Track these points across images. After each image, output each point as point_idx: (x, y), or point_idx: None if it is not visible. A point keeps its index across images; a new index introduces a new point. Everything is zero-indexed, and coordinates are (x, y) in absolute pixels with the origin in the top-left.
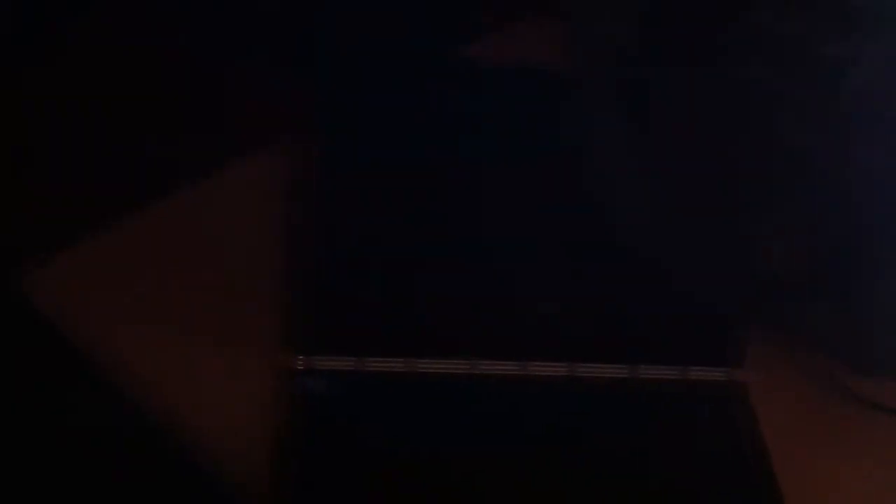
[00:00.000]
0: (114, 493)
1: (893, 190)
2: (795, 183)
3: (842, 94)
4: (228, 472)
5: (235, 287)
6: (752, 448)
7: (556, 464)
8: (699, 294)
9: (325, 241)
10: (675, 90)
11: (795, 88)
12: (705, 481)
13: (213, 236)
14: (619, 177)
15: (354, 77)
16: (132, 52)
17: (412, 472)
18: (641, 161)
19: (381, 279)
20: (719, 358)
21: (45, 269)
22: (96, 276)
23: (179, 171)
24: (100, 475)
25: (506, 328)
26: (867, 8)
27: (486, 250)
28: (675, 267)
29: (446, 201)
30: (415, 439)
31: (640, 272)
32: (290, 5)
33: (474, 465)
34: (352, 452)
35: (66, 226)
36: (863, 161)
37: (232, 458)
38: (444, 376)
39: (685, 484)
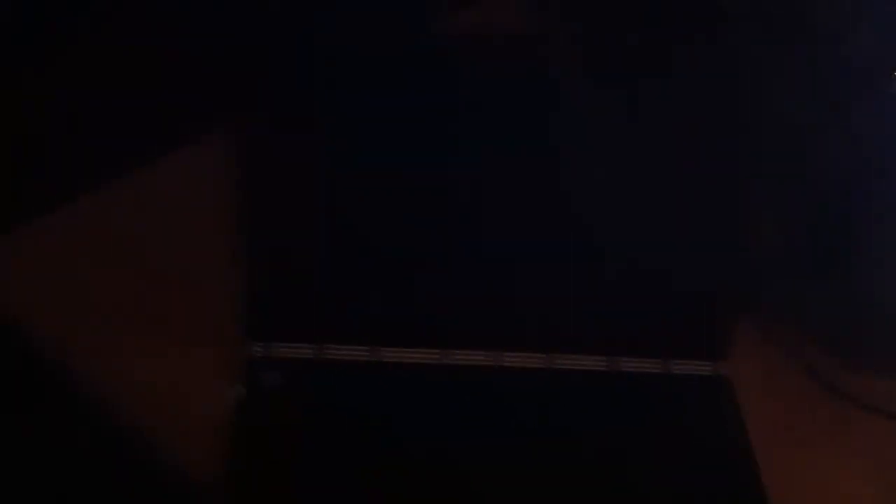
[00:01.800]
0: (66, 484)
1: (883, 183)
2: (782, 173)
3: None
4: (184, 461)
5: (192, 275)
6: (735, 442)
7: (529, 457)
8: (683, 285)
9: (284, 228)
10: (661, 68)
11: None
12: (687, 475)
13: (169, 224)
14: (601, 168)
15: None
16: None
17: (378, 464)
18: (624, 151)
19: (342, 266)
20: (703, 351)
21: None
22: (46, 264)
23: (134, 159)
24: (53, 465)
25: (479, 317)
26: None
27: (458, 237)
28: (658, 258)
29: (411, 188)
30: (382, 432)
31: (623, 262)
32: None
33: (442, 457)
34: (311, 442)
35: (17, 214)
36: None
37: (188, 447)
38: (412, 366)
39: (667, 478)
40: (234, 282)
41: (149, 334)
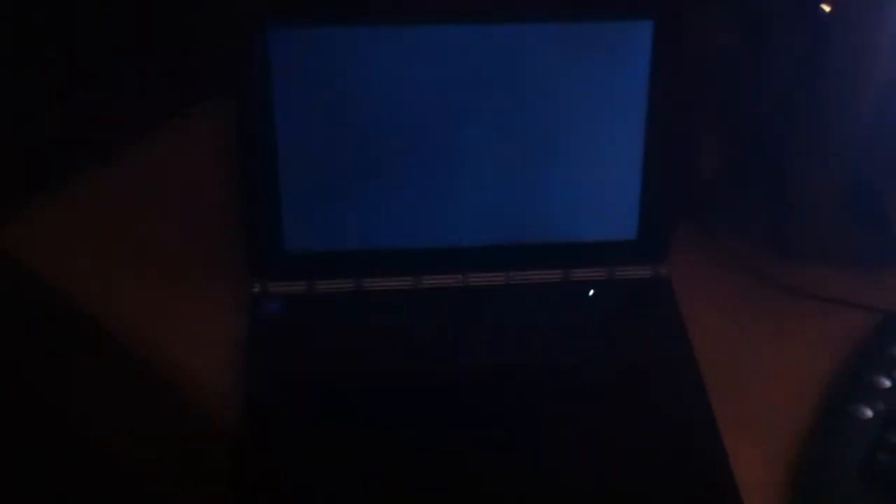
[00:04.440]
0: (87, 414)
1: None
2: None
3: None
4: (193, 392)
5: (194, 219)
6: (674, 336)
7: (502, 366)
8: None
9: (279, 171)
10: None
11: None
12: (632, 372)
13: (173, 171)
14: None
15: None
16: None
17: (369, 386)
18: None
19: (329, 206)
20: (645, 257)
21: (19, 218)
22: (65, 218)
23: (145, 115)
24: (75, 399)
25: (446, 244)
26: None
27: (427, 175)
28: (601, 167)
29: (383, 125)
30: (368, 353)
31: (569, 177)
32: None
33: (421, 374)
34: (308, 369)
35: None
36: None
37: (196, 380)
38: (390, 293)
39: (615, 376)
40: (237, 230)
41: (160, 276)
